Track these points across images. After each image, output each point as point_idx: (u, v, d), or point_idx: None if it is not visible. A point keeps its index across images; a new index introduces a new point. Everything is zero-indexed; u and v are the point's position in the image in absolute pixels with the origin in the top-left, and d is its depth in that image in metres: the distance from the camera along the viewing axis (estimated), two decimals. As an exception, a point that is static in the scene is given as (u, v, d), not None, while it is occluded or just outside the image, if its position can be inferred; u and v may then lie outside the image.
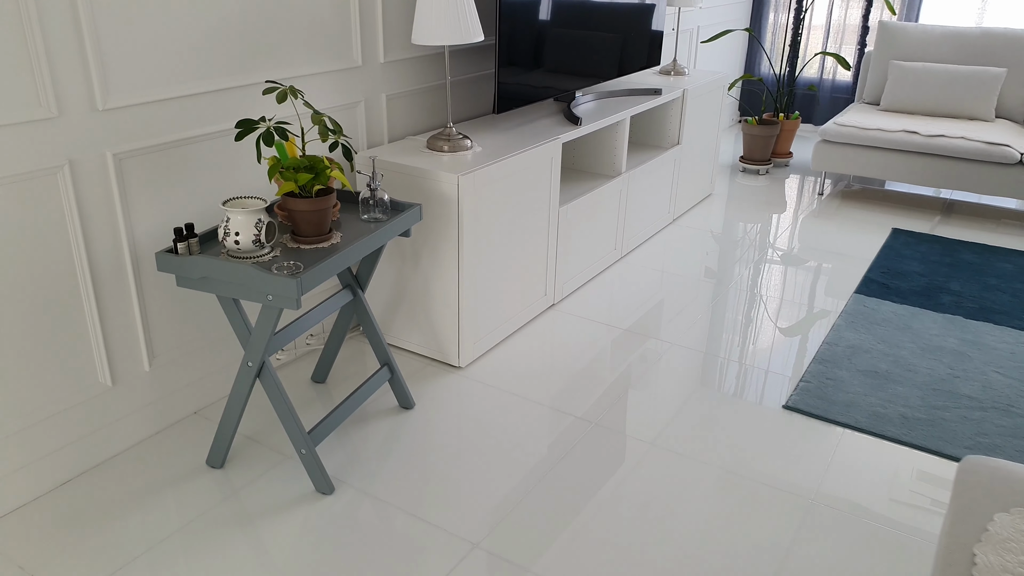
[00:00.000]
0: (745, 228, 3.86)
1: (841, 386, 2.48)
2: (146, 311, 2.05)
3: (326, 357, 2.38)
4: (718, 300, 3.08)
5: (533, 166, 2.62)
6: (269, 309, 1.76)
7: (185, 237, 1.76)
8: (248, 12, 2.10)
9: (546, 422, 2.26)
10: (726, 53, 5.61)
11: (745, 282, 3.25)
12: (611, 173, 3.28)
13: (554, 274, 2.91)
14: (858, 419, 2.31)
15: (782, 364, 2.62)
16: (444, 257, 2.41)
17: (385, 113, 2.64)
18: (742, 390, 2.46)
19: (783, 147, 4.99)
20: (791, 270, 3.38)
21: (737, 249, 3.59)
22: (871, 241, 3.73)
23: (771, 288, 3.20)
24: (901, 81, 4.51)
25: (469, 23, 2.30)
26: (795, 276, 3.32)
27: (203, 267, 1.71)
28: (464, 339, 2.49)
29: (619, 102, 3.34)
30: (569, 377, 2.50)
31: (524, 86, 2.77)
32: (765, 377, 2.54)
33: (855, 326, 2.87)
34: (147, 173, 1.96)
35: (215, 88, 2.06)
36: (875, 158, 4.18)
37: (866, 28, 5.52)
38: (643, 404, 2.36)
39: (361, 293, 2.17)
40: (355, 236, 1.94)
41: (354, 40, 2.45)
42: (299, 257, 1.81)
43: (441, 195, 2.34)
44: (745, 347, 2.73)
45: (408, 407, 2.29)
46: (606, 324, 2.85)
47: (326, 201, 1.85)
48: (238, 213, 1.73)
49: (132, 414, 2.08)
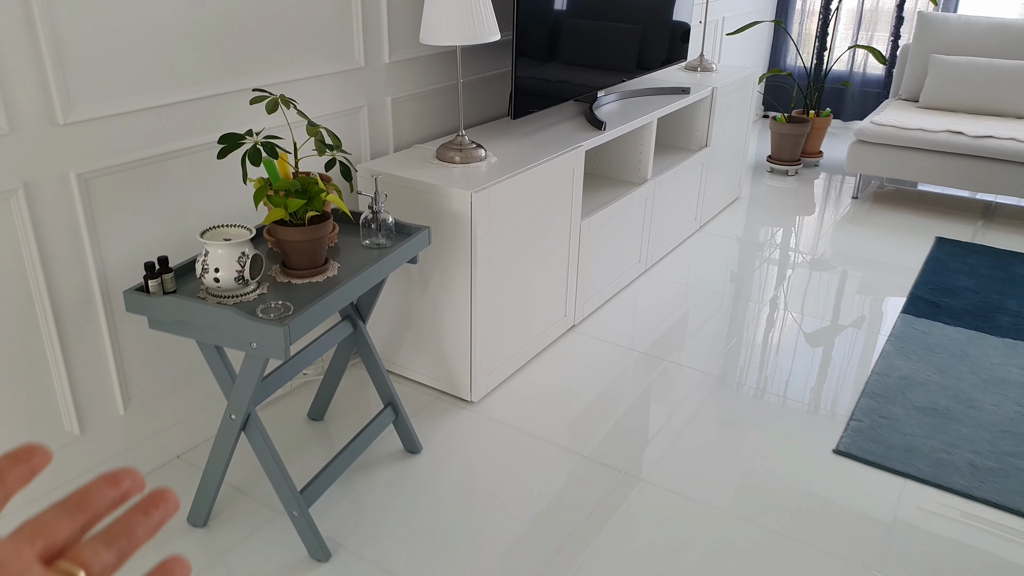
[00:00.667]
0: (775, 236, 3.59)
1: (897, 426, 2.22)
2: (120, 349, 1.81)
3: (323, 393, 2.15)
4: (748, 320, 2.82)
5: (553, 178, 2.37)
6: (254, 357, 1.52)
7: (158, 273, 1.52)
8: (234, 9, 1.85)
9: (566, 469, 2.02)
10: (749, 45, 5.31)
11: (777, 298, 2.99)
12: (636, 180, 3.03)
13: (574, 293, 2.66)
14: (920, 468, 2.06)
15: (827, 398, 2.37)
16: (455, 280, 2.16)
17: (390, 118, 2.39)
18: (782, 429, 2.21)
19: (813, 146, 4.71)
20: (827, 284, 3.12)
21: (767, 260, 3.33)
22: (911, 250, 3.46)
23: (805, 305, 2.94)
24: (942, 76, 4.22)
25: (484, 21, 2.04)
26: (832, 291, 3.06)
27: (177, 310, 1.47)
28: (477, 371, 2.24)
29: (644, 102, 3.08)
30: (590, 414, 2.26)
31: (543, 88, 2.51)
32: (808, 413, 2.29)
33: (906, 353, 2.61)
34: (118, 195, 1.72)
35: (196, 96, 1.81)
36: (915, 160, 3.90)
37: (900, 18, 5.21)
38: (671, 448, 2.12)
39: (362, 325, 1.93)
40: (355, 266, 1.70)
41: (356, 38, 2.19)
42: (290, 294, 1.57)
43: (452, 213, 2.09)
44: (780, 375, 2.47)
45: (414, 451, 2.06)
46: (629, 349, 2.60)
47: (321, 230, 1.60)
48: (218, 247, 1.49)
49: (106, 463, 1.85)
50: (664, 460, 2.06)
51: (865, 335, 2.74)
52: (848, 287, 3.10)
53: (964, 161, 3.79)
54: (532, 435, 2.15)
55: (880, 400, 2.34)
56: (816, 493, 1.96)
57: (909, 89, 4.51)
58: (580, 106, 3.00)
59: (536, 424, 2.20)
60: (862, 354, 2.62)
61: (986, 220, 3.88)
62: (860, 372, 2.51)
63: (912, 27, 5.17)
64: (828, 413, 2.29)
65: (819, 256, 3.39)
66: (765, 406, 2.31)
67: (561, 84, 2.60)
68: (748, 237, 3.57)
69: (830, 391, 2.40)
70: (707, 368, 2.51)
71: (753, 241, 3.53)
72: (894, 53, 5.22)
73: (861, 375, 2.49)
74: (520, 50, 2.34)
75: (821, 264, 3.31)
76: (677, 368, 2.50)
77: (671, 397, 2.34)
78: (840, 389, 2.41)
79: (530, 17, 2.35)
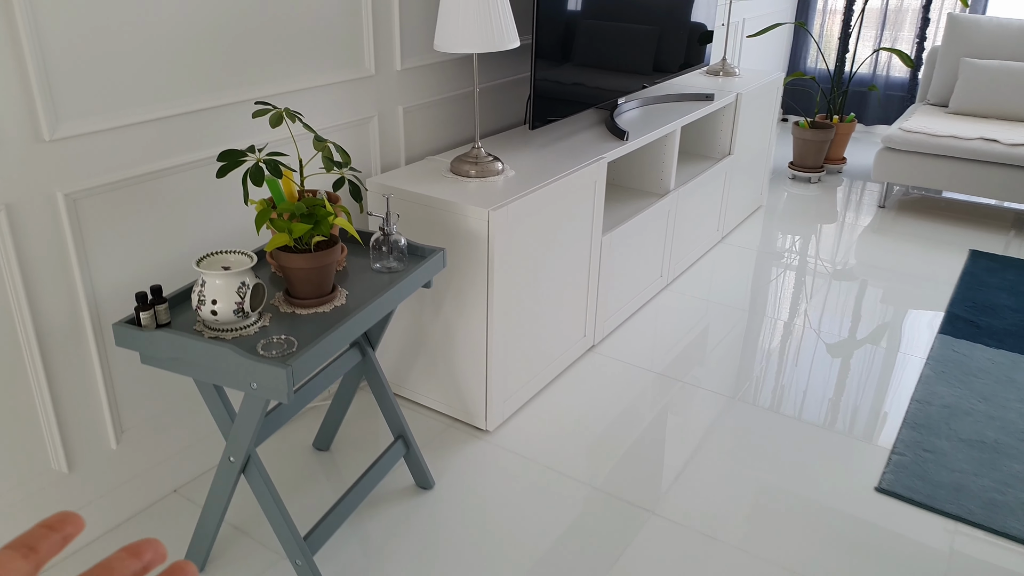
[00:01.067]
0: (799, 247, 3.44)
1: (944, 461, 2.08)
2: (111, 379, 1.68)
3: (330, 422, 2.02)
4: (773, 338, 2.68)
5: (574, 192, 2.23)
6: (255, 398, 1.39)
7: (150, 304, 1.39)
8: (235, 15, 1.72)
9: (585, 506, 1.89)
10: (768, 48, 5.16)
11: (802, 315, 2.84)
12: (658, 191, 2.88)
13: (594, 312, 2.52)
14: (971, 509, 1.91)
15: (862, 426, 2.22)
16: (470, 302, 2.03)
17: (402, 128, 2.26)
18: (815, 462, 2.06)
19: (836, 152, 4.55)
20: (855, 299, 2.97)
21: (791, 274, 3.18)
22: (942, 262, 3.31)
23: (833, 323, 2.80)
24: (973, 81, 4.06)
25: (503, 27, 1.90)
26: (861, 307, 2.91)
27: (171, 346, 1.34)
28: (492, 399, 2.11)
29: (667, 109, 2.93)
30: (609, 443, 2.12)
31: (562, 96, 2.38)
32: (843, 444, 2.14)
33: (947, 378, 2.46)
34: (110, 216, 1.59)
35: (194, 108, 1.68)
36: (947, 168, 3.74)
37: (926, 19, 5.05)
38: (693, 481, 1.98)
39: (371, 353, 1.80)
40: (365, 293, 1.56)
41: (366, 45, 2.06)
42: (294, 326, 1.44)
43: (468, 232, 1.96)
44: (809, 399, 2.33)
45: (426, 487, 1.92)
46: (650, 371, 2.46)
47: (328, 256, 1.47)
48: (216, 277, 1.36)
49: (97, 500, 1.73)
50: (686, 495, 1.92)
51: (901, 357, 2.59)
52: (878, 303, 2.95)
53: (998, 170, 3.63)
54: (549, 468, 2.01)
55: (923, 431, 2.20)
56: (858, 537, 1.82)
57: (938, 94, 4.35)
58: (600, 114, 2.86)
59: (554, 456, 2.06)
60: (899, 378, 2.47)
61: (1018, 230, 3.72)
62: (898, 398, 2.36)
63: (937, 28, 5.01)
64: (865, 444, 2.15)
65: (846, 269, 3.24)
66: (793, 434, 2.17)
67: (581, 91, 2.46)
68: (771, 249, 3.42)
69: (865, 419, 2.26)
70: (730, 391, 2.36)
71: (776, 253, 3.38)
72: (919, 55, 5.06)
73: (899, 402, 2.34)
74: (539, 56, 2.20)
75: (848, 278, 3.16)
76: (698, 392, 2.36)
77: (692, 423, 2.20)
78: (877, 417, 2.27)
79: (550, 22, 2.21)
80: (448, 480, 1.96)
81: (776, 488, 1.96)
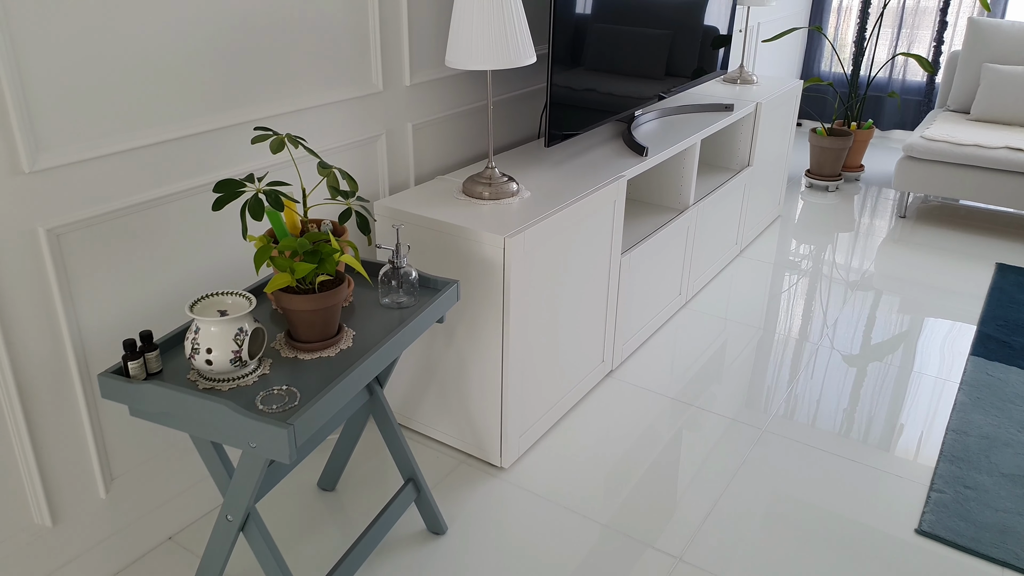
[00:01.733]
0: (818, 261, 3.32)
1: (986, 499, 1.95)
2: (100, 426, 1.57)
3: (335, 462, 1.90)
4: (796, 360, 2.55)
5: (592, 212, 2.11)
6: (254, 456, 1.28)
7: (140, 352, 1.27)
8: (232, 32, 1.60)
9: (608, 551, 1.77)
10: (783, 53, 5.03)
11: (826, 334, 2.72)
12: (677, 206, 2.76)
13: (612, 336, 2.40)
14: (1019, 554, 1.79)
15: (897, 460, 2.10)
16: (485, 333, 1.91)
17: (411, 147, 2.14)
18: (849, 501, 1.94)
19: (854, 160, 4.42)
20: (879, 317, 2.84)
21: (812, 289, 3.06)
22: (968, 275, 3.18)
23: (856, 342, 2.67)
24: (996, 87, 3.93)
25: (519, 42, 1.78)
26: (886, 325, 2.78)
27: (161, 400, 1.23)
28: (508, 434, 1.99)
29: (685, 121, 2.81)
30: (630, 478, 2.00)
31: (578, 111, 2.25)
32: (878, 480, 2.02)
33: (983, 405, 2.34)
34: (97, 251, 1.48)
35: (188, 132, 1.57)
36: (970, 178, 3.61)
37: (943, 23, 4.91)
38: (716, 520, 1.86)
39: (379, 391, 1.68)
40: (373, 332, 1.45)
41: (373, 60, 1.94)
42: (297, 373, 1.32)
43: (482, 259, 1.84)
44: (833, 427, 2.20)
45: (439, 532, 1.80)
46: (669, 397, 2.34)
47: (334, 296, 1.35)
48: (211, 324, 1.24)
49: (85, 553, 1.61)
50: (709, 536, 1.80)
51: (933, 381, 2.46)
52: (904, 320, 2.83)
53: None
54: (568, 508, 1.89)
55: (962, 465, 2.07)
56: (902, 587, 1.69)
57: (958, 100, 4.22)
58: (617, 127, 2.74)
59: (572, 495, 1.94)
60: (932, 404, 2.35)
61: (1044, 242, 3.60)
62: (933, 427, 2.24)
63: (955, 32, 4.88)
64: (902, 479, 2.03)
65: (868, 284, 3.12)
66: (823, 468, 2.05)
67: (598, 101, 2.34)
68: (790, 263, 3.30)
69: (899, 451, 2.14)
70: (753, 419, 2.24)
71: (796, 267, 3.26)
72: (936, 60, 4.93)
73: (934, 431, 2.22)
74: (556, 63, 2.08)
75: (871, 293, 3.04)
76: (721, 420, 2.24)
77: (716, 455, 2.08)
78: (910, 448, 2.14)
79: (567, 30, 2.09)
80: (461, 524, 1.84)
81: (807, 530, 1.84)
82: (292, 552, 1.75)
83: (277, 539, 1.79)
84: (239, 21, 1.60)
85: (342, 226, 1.49)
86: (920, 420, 2.28)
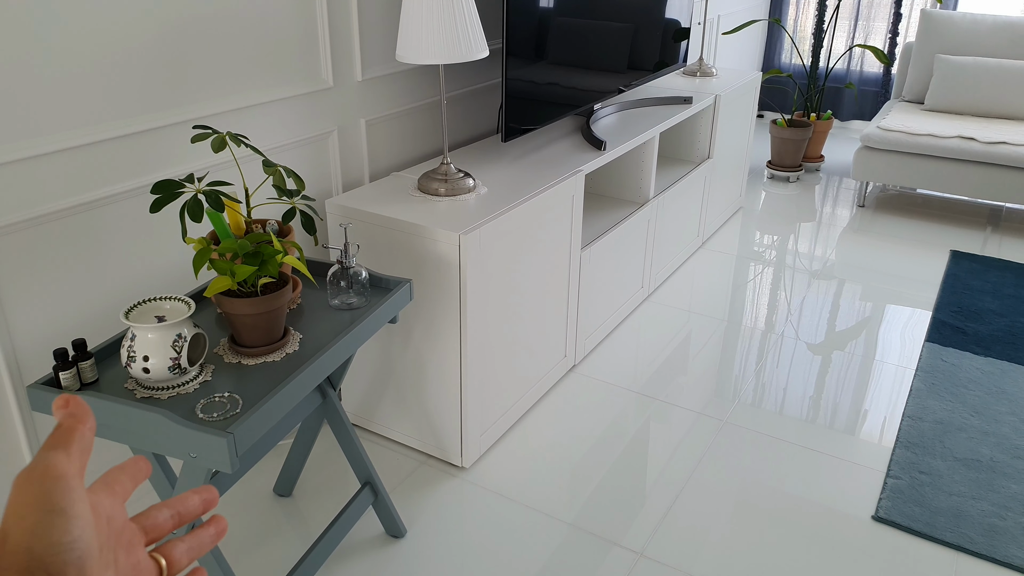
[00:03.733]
0: (780, 251, 3.34)
1: (940, 484, 1.98)
2: (37, 439, 1.51)
3: (291, 467, 1.86)
4: (757, 350, 2.57)
5: (551, 208, 2.09)
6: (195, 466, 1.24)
7: (72, 361, 1.22)
8: (172, 28, 1.55)
9: (569, 550, 1.75)
10: (743, 45, 5.06)
11: (786, 324, 2.74)
12: (638, 200, 2.76)
13: (575, 331, 2.39)
14: (972, 538, 1.81)
15: (855, 446, 2.12)
16: (442, 332, 1.88)
17: (365, 143, 2.10)
18: (808, 489, 1.95)
19: (814, 150, 4.47)
20: (840, 305, 2.87)
21: (775, 278, 3.08)
22: (924, 262, 3.23)
23: (818, 331, 2.70)
24: (949, 78, 3.99)
25: (471, 36, 1.76)
26: (846, 313, 2.81)
27: (95, 411, 1.18)
28: (468, 434, 1.97)
29: (644, 114, 2.81)
30: (597, 475, 1.99)
31: (536, 105, 2.23)
32: (836, 467, 2.04)
33: (938, 391, 2.37)
34: (30, 256, 1.42)
35: (127, 132, 1.51)
36: (926, 167, 3.66)
37: (898, 15, 4.98)
38: (677, 515, 1.86)
39: (332, 394, 1.65)
40: (322, 335, 1.41)
41: (322, 55, 1.90)
42: (241, 379, 1.28)
43: (438, 257, 1.81)
44: (795, 416, 2.22)
45: (397, 536, 1.78)
46: (633, 391, 2.34)
47: (277, 299, 1.32)
48: (147, 330, 1.20)
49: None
50: (670, 531, 1.80)
51: (893, 368, 2.49)
52: (865, 308, 2.86)
53: (977, 169, 3.56)
54: (531, 507, 1.88)
55: (917, 451, 2.10)
56: (858, 571, 1.71)
57: (913, 91, 4.28)
58: (576, 121, 2.72)
59: (535, 493, 1.93)
60: (888, 391, 2.37)
61: (994, 226, 3.67)
62: (889, 414, 2.26)
63: (909, 24, 4.95)
64: (859, 466, 2.04)
65: (829, 273, 3.15)
66: (782, 456, 2.06)
67: (556, 95, 2.32)
68: (753, 254, 3.32)
69: (857, 437, 2.16)
70: (717, 411, 2.25)
71: (757, 258, 3.28)
72: (892, 51, 5.00)
73: (890, 418, 2.25)
74: (511, 57, 2.06)
75: (833, 282, 3.07)
76: (686, 413, 2.24)
77: (681, 449, 2.08)
78: (869, 435, 2.17)
79: (521, 21, 2.07)
80: (421, 526, 1.81)
81: (769, 520, 1.85)
82: (246, 561, 1.71)
83: (232, 546, 1.75)
84: (178, 15, 1.55)
85: (287, 226, 1.46)
86: (879, 408, 2.30)
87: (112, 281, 1.57)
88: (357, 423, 2.15)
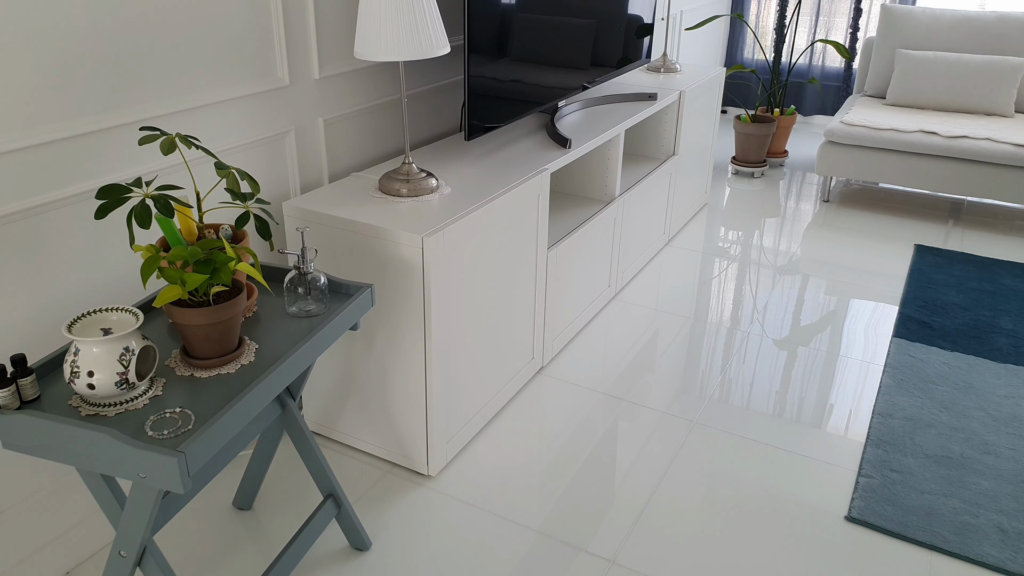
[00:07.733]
0: (747, 245, 3.34)
1: (912, 482, 1.98)
2: (-20, 457, 1.43)
3: (250, 479, 1.79)
4: (725, 348, 2.55)
5: (516, 207, 2.05)
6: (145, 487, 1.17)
7: (12, 378, 1.15)
8: (117, 24, 1.47)
9: (538, 559, 1.72)
10: (706, 41, 5.06)
11: (754, 320, 2.73)
12: (603, 198, 2.73)
13: (542, 332, 2.35)
14: (945, 536, 1.81)
15: (826, 445, 2.11)
16: (406, 338, 1.83)
17: (323, 143, 2.03)
18: (780, 490, 1.94)
19: (778, 145, 4.49)
20: (807, 301, 2.87)
21: (741, 274, 3.08)
22: (889, 256, 3.25)
23: (784, 326, 2.69)
24: (909, 73, 4.03)
25: (431, 33, 1.70)
26: (812, 309, 2.82)
27: (35, 431, 1.11)
28: (434, 441, 1.92)
29: (609, 111, 2.77)
30: (565, 479, 1.95)
31: (500, 103, 2.19)
32: (807, 467, 2.03)
33: (907, 387, 2.38)
34: (-35, 264, 1.34)
35: (68, 135, 1.43)
36: (889, 162, 3.70)
37: (859, 10, 5.03)
38: (648, 519, 1.83)
39: (292, 404, 1.58)
40: (279, 344, 1.35)
41: (278, 53, 1.83)
42: (193, 392, 1.22)
43: (400, 260, 1.75)
44: (764, 415, 2.21)
45: (362, 548, 1.72)
46: (601, 392, 2.31)
47: (230, 309, 1.25)
48: (92, 344, 1.13)
49: (-29, 596, 1.47)
50: (642, 535, 1.77)
51: (859, 365, 2.50)
52: (830, 302, 2.87)
53: (939, 163, 3.60)
54: (499, 515, 1.84)
55: (888, 449, 2.10)
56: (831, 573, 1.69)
57: (875, 85, 4.32)
58: (540, 119, 2.68)
59: (503, 500, 1.88)
60: (858, 387, 2.37)
61: (956, 219, 3.71)
62: (859, 411, 2.26)
63: (870, 18, 5.00)
64: (829, 464, 2.04)
65: (795, 269, 3.15)
66: (753, 456, 2.04)
67: (519, 92, 2.27)
68: (719, 250, 3.31)
69: (828, 435, 2.15)
70: (686, 411, 2.23)
71: (724, 254, 3.27)
72: (853, 46, 5.04)
73: (860, 415, 2.25)
74: (473, 53, 2.00)
75: (798, 277, 3.07)
76: (654, 413, 2.21)
77: (649, 449, 2.06)
78: (839, 432, 2.16)
79: (483, 22, 2.02)
80: (386, 538, 1.76)
81: (741, 523, 1.83)
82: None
83: (189, 563, 1.67)
84: (124, 11, 1.47)
85: (242, 231, 1.39)
86: (849, 405, 2.30)
87: (54, 292, 1.49)
88: (319, 432, 2.09)
